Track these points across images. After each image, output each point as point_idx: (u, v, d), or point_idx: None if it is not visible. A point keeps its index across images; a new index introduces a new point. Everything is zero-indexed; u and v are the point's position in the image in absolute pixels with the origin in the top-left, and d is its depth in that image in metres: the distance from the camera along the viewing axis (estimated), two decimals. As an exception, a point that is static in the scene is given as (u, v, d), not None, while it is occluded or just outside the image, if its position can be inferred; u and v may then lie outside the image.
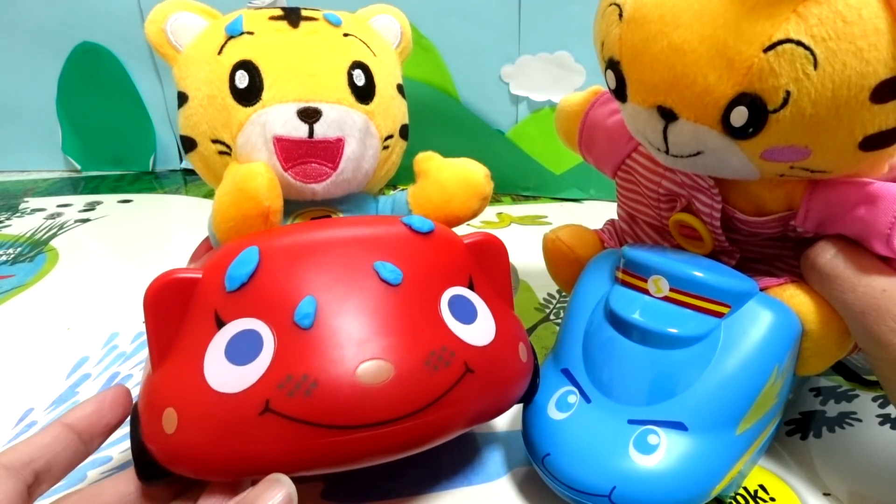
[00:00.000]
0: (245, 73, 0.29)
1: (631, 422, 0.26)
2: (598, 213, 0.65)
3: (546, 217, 0.65)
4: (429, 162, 0.33)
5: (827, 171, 0.25)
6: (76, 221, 0.65)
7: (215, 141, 0.30)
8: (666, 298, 0.27)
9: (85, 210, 0.68)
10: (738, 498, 0.29)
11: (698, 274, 0.27)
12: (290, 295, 0.22)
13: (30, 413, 0.35)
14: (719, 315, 0.27)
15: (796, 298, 0.27)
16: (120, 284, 0.51)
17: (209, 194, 0.72)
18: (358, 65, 0.31)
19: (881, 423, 0.34)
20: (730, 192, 0.29)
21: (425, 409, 0.22)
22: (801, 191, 0.27)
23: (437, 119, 0.69)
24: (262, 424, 0.21)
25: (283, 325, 0.22)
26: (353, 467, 0.23)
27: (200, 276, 0.23)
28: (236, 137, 0.29)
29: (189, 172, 0.81)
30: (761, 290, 0.28)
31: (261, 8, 0.32)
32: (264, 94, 0.29)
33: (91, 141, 0.81)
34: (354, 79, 0.30)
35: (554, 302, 0.47)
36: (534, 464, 0.28)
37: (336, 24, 0.31)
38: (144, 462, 0.23)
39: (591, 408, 0.27)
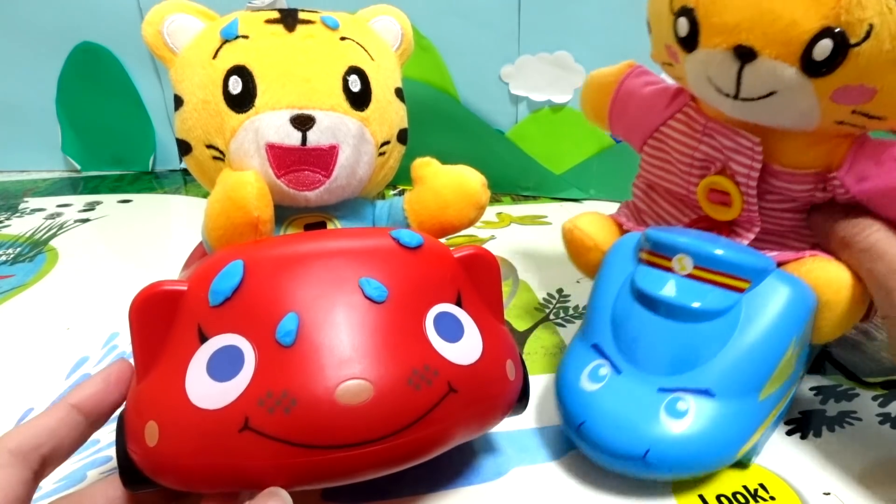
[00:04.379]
0: (238, 79, 0.28)
1: (661, 390, 0.28)
2: (597, 213, 0.65)
3: (546, 217, 0.65)
4: (426, 168, 0.32)
5: (884, 117, 0.28)
6: (76, 221, 0.65)
7: (209, 146, 0.30)
8: (690, 276, 0.29)
9: (85, 210, 0.68)
10: (739, 497, 0.29)
11: (721, 252, 0.29)
12: (273, 311, 0.22)
13: (30, 413, 0.35)
14: (740, 290, 0.29)
15: (813, 273, 0.30)
16: (120, 284, 0.51)
17: (208, 195, 0.72)
18: (354, 70, 0.30)
19: (881, 423, 0.34)
20: (772, 149, 0.31)
21: (405, 429, 0.22)
22: (843, 149, 0.30)
23: (437, 119, 0.69)
24: (241, 441, 0.21)
25: (265, 341, 0.22)
26: (332, 484, 0.23)
27: (185, 288, 0.23)
28: (229, 143, 0.29)
29: (189, 172, 0.80)
30: (778, 264, 0.30)
31: (260, 9, 0.32)
32: (257, 101, 0.28)
33: (91, 141, 0.80)
34: (350, 84, 0.30)
35: (553, 302, 0.47)
36: (568, 432, 0.30)
37: (333, 27, 0.31)
38: (128, 470, 0.23)
39: (623, 378, 0.29)
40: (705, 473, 0.29)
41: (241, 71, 0.29)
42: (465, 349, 0.25)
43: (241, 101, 0.28)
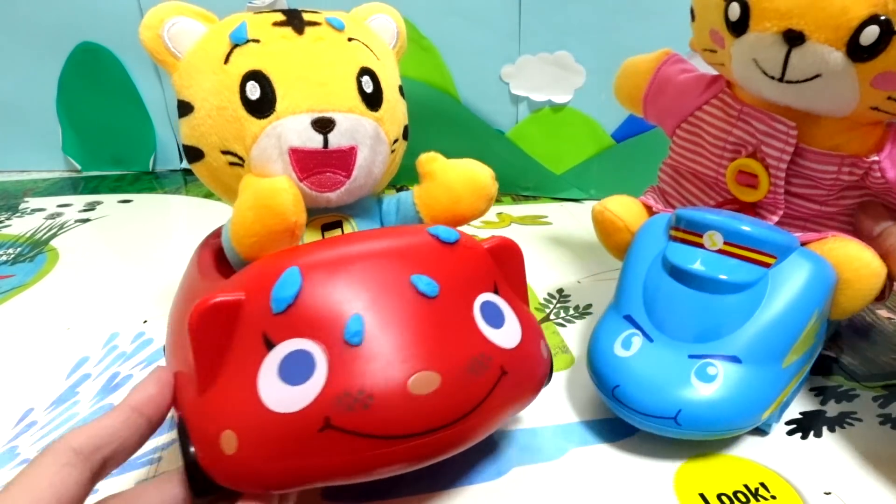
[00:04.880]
0: (256, 84, 0.28)
1: (691, 356, 0.30)
2: (598, 213, 0.65)
3: (546, 217, 0.65)
4: (434, 163, 0.32)
5: None
6: (76, 221, 0.65)
7: (226, 152, 0.29)
8: (720, 251, 0.32)
9: (85, 210, 0.68)
10: (740, 495, 0.29)
11: (750, 229, 0.31)
12: (337, 313, 0.23)
13: (30, 413, 0.35)
14: (767, 265, 0.31)
15: (834, 252, 0.32)
16: (120, 284, 0.51)
17: (209, 194, 0.72)
18: (365, 71, 0.30)
19: (881, 423, 0.34)
20: (804, 133, 0.34)
21: (470, 413, 0.24)
22: (874, 136, 0.33)
23: (437, 119, 0.69)
24: (322, 440, 0.22)
25: (334, 343, 0.23)
26: (400, 472, 0.24)
27: (243, 297, 0.23)
28: (250, 149, 0.29)
29: (189, 172, 0.80)
30: (802, 243, 0.33)
31: (260, 10, 0.31)
32: (278, 106, 0.28)
33: (91, 141, 0.80)
34: (363, 86, 0.30)
35: (554, 302, 0.47)
36: (602, 395, 0.32)
37: (339, 28, 0.31)
38: (199, 480, 0.23)
39: (655, 346, 0.31)
40: (731, 435, 0.31)
41: (257, 76, 0.28)
42: (509, 334, 0.26)
43: (261, 107, 0.28)
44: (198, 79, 0.29)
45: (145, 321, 0.45)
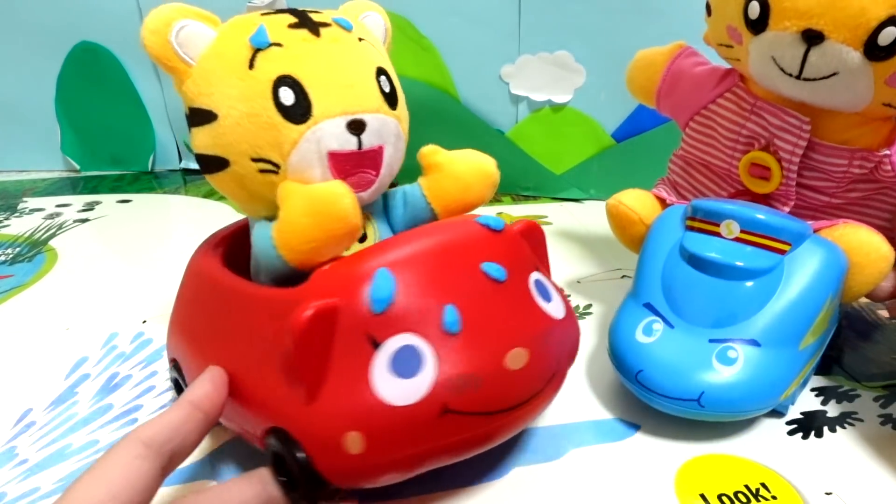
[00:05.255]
0: (289, 90, 0.28)
1: (712, 340, 0.31)
2: (598, 213, 0.65)
3: (546, 217, 0.65)
4: (437, 156, 0.33)
5: None
6: (75, 221, 0.64)
7: (257, 160, 0.29)
8: (737, 239, 0.33)
9: (84, 210, 0.68)
10: (741, 496, 0.29)
11: (766, 217, 0.33)
12: (433, 306, 0.25)
13: (28, 413, 0.35)
14: (782, 252, 0.33)
15: (845, 238, 0.34)
16: (119, 284, 0.51)
17: (209, 194, 0.72)
18: (381, 71, 0.31)
19: (882, 423, 0.34)
20: (816, 127, 0.35)
21: (550, 381, 0.28)
22: (884, 131, 0.34)
23: (437, 119, 0.69)
24: (442, 424, 0.24)
25: (435, 334, 0.24)
26: (501, 442, 0.27)
27: (338, 302, 0.24)
28: (289, 156, 0.28)
29: (188, 172, 0.80)
30: (814, 231, 0.34)
31: (260, 9, 0.31)
32: (314, 110, 0.28)
33: (90, 141, 0.80)
34: (382, 85, 0.30)
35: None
36: (625, 381, 0.33)
37: (349, 28, 0.31)
38: (311, 484, 0.25)
39: (675, 332, 0.32)
40: (751, 415, 0.32)
41: (289, 81, 0.28)
42: (557, 307, 0.29)
43: (297, 112, 0.28)
44: (219, 86, 0.28)
45: (144, 321, 0.45)
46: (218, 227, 0.37)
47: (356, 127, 0.29)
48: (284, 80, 0.28)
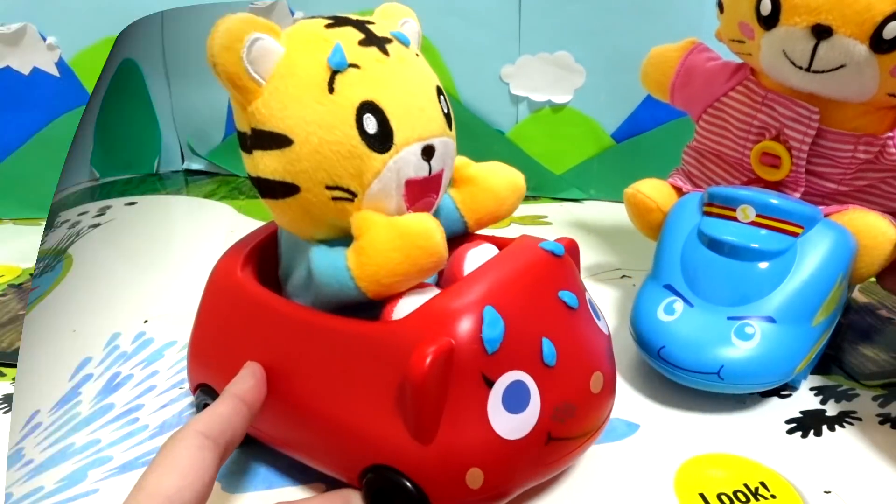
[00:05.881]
0: (372, 117, 0.26)
1: (730, 318, 0.34)
2: (598, 213, 0.65)
3: (546, 217, 0.65)
4: (470, 169, 0.33)
5: None
6: (90, 227, 0.65)
7: (332, 187, 0.27)
8: (752, 223, 0.35)
9: (97, 215, 0.68)
10: (740, 495, 0.29)
11: (779, 202, 0.35)
12: (533, 341, 0.26)
13: (36, 415, 0.35)
14: (795, 235, 0.35)
15: (854, 221, 0.36)
16: (119, 284, 0.51)
17: (209, 194, 0.72)
18: (440, 90, 0.29)
19: (881, 423, 0.34)
20: (827, 116, 0.37)
21: (612, 398, 0.30)
22: (889, 118, 0.36)
23: (437, 119, 0.69)
24: (548, 450, 0.26)
25: (536, 367, 0.26)
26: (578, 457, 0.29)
27: (452, 342, 0.24)
28: (369, 185, 0.27)
29: (190, 173, 0.81)
30: (825, 215, 0.36)
31: (260, 9, 0.31)
32: (395, 138, 0.26)
33: (108, 148, 0.79)
34: (442, 106, 0.29)
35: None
36: (647, 357, 0.35)
37: (407, 44, 0.29)
38: None
39: (695, 311, 0.35)
40: (768, 388, 0.35)
41: (371, 107, 0.26)
42: (603, 323, 0.31)
43: (380, 141, 0.26)
44: (295, 109, 0.26)
45: (146, 321, 0.45)
46: (218, 226, 0.37)
47: (428, 153, 0.28)
48: (367, 107, 0.26)
